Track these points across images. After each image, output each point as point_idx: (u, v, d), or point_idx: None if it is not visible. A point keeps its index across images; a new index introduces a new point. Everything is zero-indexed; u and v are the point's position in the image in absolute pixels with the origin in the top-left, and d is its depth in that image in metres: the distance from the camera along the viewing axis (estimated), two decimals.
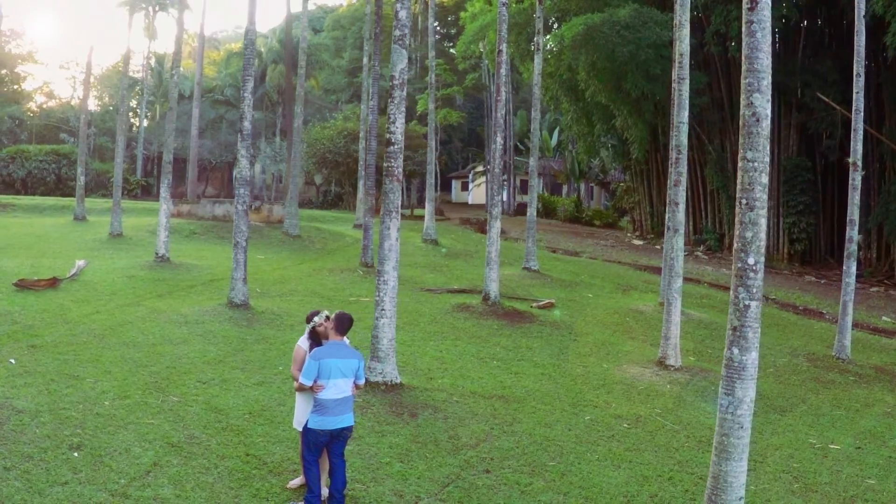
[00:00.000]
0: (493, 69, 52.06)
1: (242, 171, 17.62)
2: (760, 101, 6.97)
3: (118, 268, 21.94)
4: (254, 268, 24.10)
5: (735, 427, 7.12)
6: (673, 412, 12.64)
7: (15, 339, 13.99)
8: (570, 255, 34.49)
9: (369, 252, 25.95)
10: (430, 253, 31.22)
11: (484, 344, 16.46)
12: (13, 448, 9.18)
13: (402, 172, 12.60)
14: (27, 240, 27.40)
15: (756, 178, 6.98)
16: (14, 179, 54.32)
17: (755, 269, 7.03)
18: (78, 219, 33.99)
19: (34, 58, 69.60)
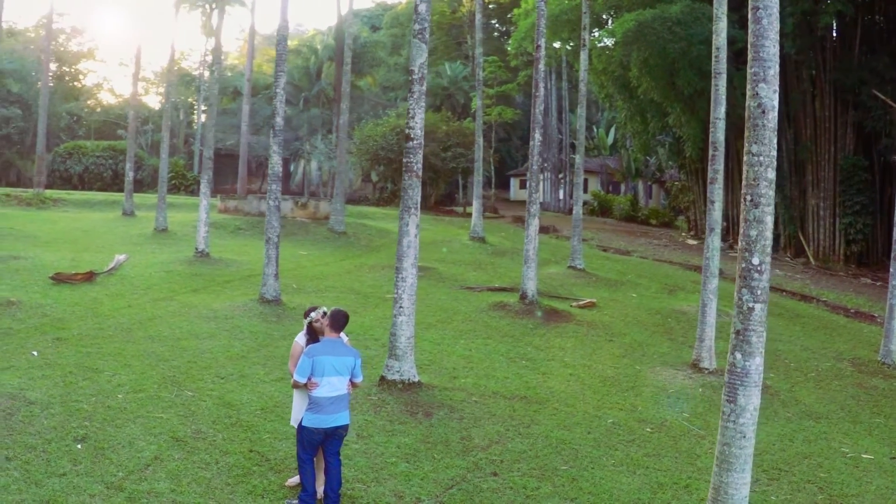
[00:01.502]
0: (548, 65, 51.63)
1: (274, 167, 17.55)
2: (766, 92, 6.58)
3: (157, 262, 22.10)
4: (294, 264, 24.16)
5: (737, 436, 6.75)
6: (701, 417, 12.21)
7: (42, 331, 14.11)
8: (620, 254, 33.90)
9: None
10: (476, 251, 30.92)
11: (516, 343, 16.16)
12: (18, 439, 9.20)
13: (421, 168, 12.40)
14: (73, 234, 27.81)
15: (761, 173, 6.59)
16: (71, 175, 55.23)
17: (760, 269, 6.64)
18: (126, 214, 34.43)
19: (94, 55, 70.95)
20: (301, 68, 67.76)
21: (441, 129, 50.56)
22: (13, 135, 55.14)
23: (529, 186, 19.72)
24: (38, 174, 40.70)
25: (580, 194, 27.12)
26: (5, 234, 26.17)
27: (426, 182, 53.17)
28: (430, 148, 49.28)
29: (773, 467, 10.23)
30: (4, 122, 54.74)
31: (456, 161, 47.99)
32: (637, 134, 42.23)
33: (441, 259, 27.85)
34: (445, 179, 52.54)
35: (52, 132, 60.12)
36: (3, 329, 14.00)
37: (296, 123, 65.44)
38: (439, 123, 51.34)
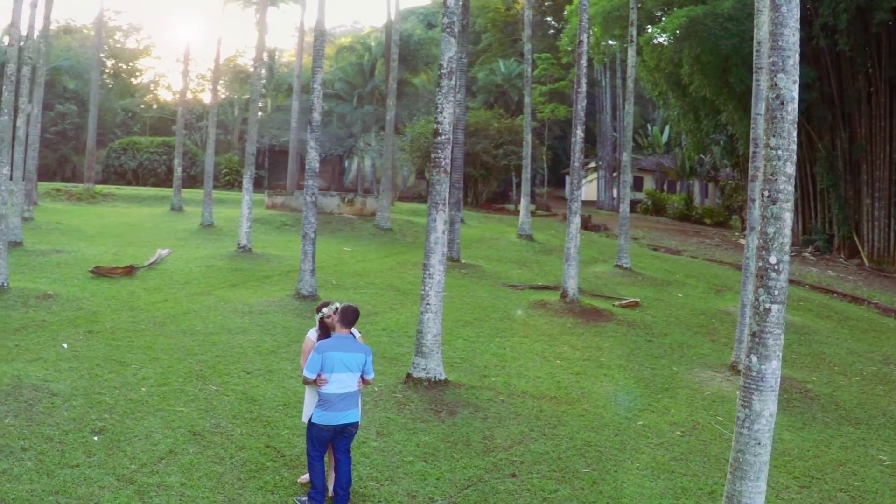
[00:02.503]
0: (598, 64, 51.08)
1: (311, 163, 17.53)
2: (786, 83, 6.28)
3: (199, 257, 22.25)
4: (337, 259, 24.17)
5: (751, 443, 6.46)
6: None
7: (75, 324, 14.25)
8: (671, 253, 33.35)
9: (455, 246, 25.65)
10: (522, 248, 30.68)
11: (552, 342, 15.91)
12: (36, 429, 9.26)
13: (449, 164, 12.17)
14: (119, 229, 28.18)
15: (780, 167, 6.29)
16: (125, 170, 56.06)
17: (777, 268, 6.35)
18: (175, 209, 34.81)
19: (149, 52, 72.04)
20: (355, 65, 68.04)
21: (493, 126, 50.27)
22: (69, 130, 56.14)
23: (571, 183, 19.44)
24: (89, 169, 41.40)
25: (627, 192, 26.76)
26: (52, 228, 26.62)
27: (477, 180, 52.96)
28: (482, 145, 49.08)
29: (805, 474, 9.86)
30: (60, 118, 55.78)
31: (507, 158, 47.69)
32: (690, 132, 41.52)
33: (486, 256, 27.68)
34: (497, 177, 52.22)
35: (107, 128, 61.16)
36: (38, 321, 14.17)
37: (350, 120, 65.69)
38: (491, 121, 51.05)
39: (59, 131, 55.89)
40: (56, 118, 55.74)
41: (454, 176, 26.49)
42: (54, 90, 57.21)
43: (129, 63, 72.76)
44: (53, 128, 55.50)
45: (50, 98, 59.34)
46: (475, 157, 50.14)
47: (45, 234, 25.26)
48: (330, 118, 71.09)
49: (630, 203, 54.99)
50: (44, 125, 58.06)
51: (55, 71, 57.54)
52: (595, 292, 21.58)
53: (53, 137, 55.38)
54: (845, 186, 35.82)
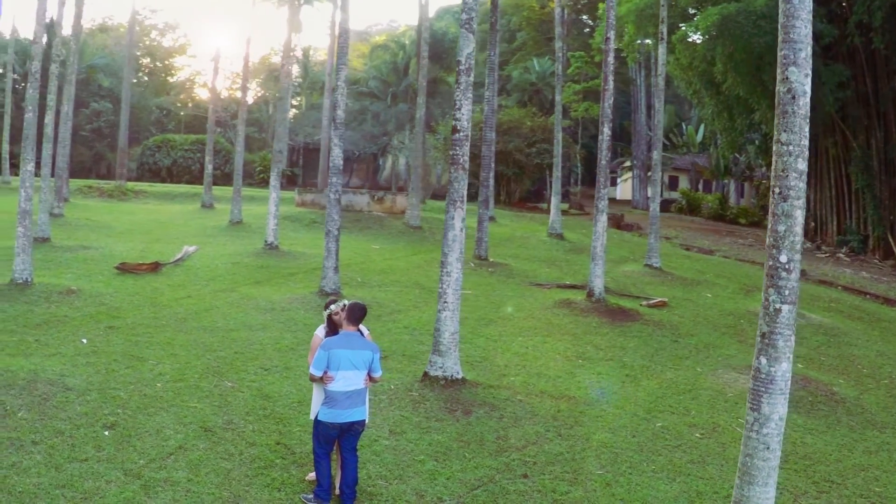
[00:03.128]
0: (631, 62, 50.63)
1: (335, 160, 17.49)
2: (797, 76, 6.09)
3: (225, 254, 22.33)
4: (364, 257, 24.15)
5: (760, 447, 6.29)
6: None
7: (97, 319, 14.32)
8: (703, 253, 32.95)
9: (483, 244, 25.50)
10: (552, 247, 30.45)
11: (575, 342, 15.73)
12: (48, 423, 9.31)
13: (468, 161, 12.05)
14: (149, 225, 28.37)
15: (791, 163, 6.10)
16: (160, 167, 56.52)
17: (788, 267, 6.16)
18: (205, 206, 35.02)
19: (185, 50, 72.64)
20: (389, 64, 68.08)
21: (526, 124, 50.06)
22: (104, 128, 56.75)
23: (598, 182, 19.23)
24: (121, 166, 41.80)
25: (657, 191, 26.46)
26: (81, 224, 26.87)
27: (510, 178, 52.74)
28: (515, 143, 48.88)
29: (825, 479, 9.62)
30: (95, 116, 56.39)
31: (541, 157, 47.46)
32: (724, 131, 40.95)
33: (515, 255, 27.52)
34: (530, 175, 51.98)
35: (142, 126, 61.75)
36: (59, 317, 14.27)
37: (384, 118, 65.78)
38: (524, 119, 50.83)
39: (94, 129, 56.52)
40: (91, 116, 56.35)
41: (483, 174, 26.38)
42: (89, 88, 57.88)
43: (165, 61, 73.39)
44: (89, 125, 56.12)
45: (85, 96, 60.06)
46: (508, 156, 49.94)
47: (74, 230, 25.50)
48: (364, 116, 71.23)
49: (664, 202, 54.98)
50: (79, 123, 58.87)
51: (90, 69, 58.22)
52: (623, 292, 21.34)
53: (89, 135, 56.03)
54: (880, 187, 35.18)
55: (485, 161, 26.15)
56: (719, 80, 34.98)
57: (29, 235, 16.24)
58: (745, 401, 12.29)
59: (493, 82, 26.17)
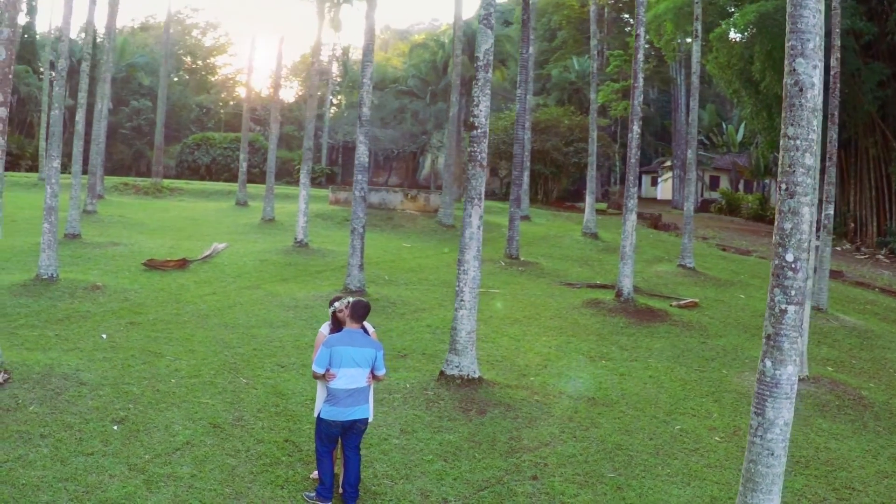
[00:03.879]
0: (669, 60, 50.04)
1: (360, 158, 17.42)
2: (805, 68, 5.87)
3: (255, 251, 22.38)
4: (395, 255, 24.09)
5: (764, 454, 6.07)
6: None
7: (119, 315, 14.39)
8: (740, 253, 32.42)
9: (514, 243, 25.31)
10: (586, 247, 30.18)
11: (601, 342, 15.51)
12: (58, 417, 9.33)
13: (486, 158, 11.88)
14: (181, 223, 28.55)
15: (798, 158, 5.88)
16: (199, 165, 56.94)
17: (794, 267, 5.95)
18: (240, 204, 35.22)
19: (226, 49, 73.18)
20: (428, 62, 68.05)
21: (563, 123, 49.73)
22: (143, 126, 57.35)
23: (627, 180, 18.98)
24: (157, 164, 42.19)
25: (692, 191, 26.08)
26: (114, 221, 27.11)
27: (548, 177, 52.40)
28: (553, 142, 48.58)
29: (846, 485, 9.32)
30: (135, 114, 56.97)
31: (578, 156, 47.10)
32: (764, 130, 40.22)
33: (547, 254, 27.32)
34: (568, 174, 51.65)
35: (182, 124, 62.30)
36: (82, 312, 14.36)
37: (423, 117, 65.74)
38: (562, 118, 50.49)
39: (134, 127, 57.13)
40: (131, 114, 56.96)
41: (514, 172, 26.16)
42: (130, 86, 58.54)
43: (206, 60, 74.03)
44: (129, 123, 56.74)
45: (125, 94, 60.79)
46: (545, 155, 49.63)
47: (106, 226, 25.74)
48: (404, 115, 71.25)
49: (704, 203, 54.35)
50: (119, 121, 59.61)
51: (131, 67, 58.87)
52: (653, 292, 21.05)
53: (129, 133, 56.63)
54: None
55: (516, 160, 25.95)
56: (757, 78, 34.38)
57: (55, 231, 16.37)
58: None
59: (524, 80, 25.96)
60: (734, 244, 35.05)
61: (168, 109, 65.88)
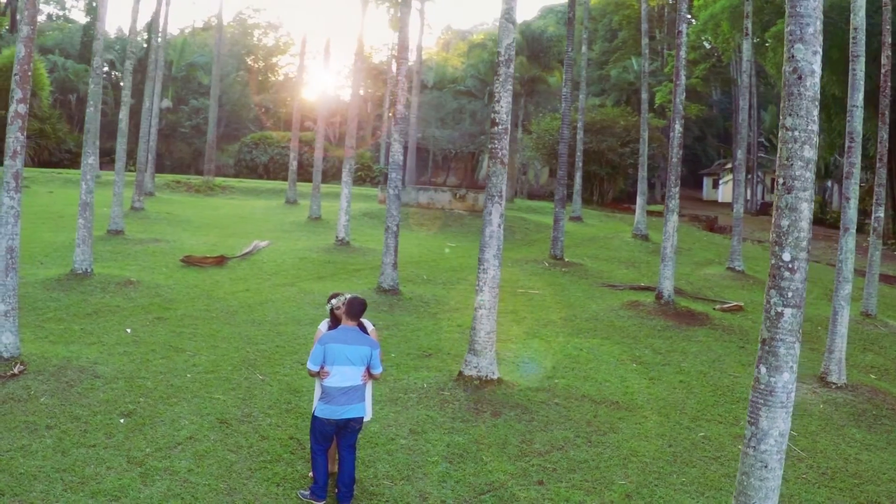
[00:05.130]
0: (726, 59, 49.06)
1: (395, 155, 17.31)
2: (804, 54, 5.51)
3: (295, 249, 22.40)
4: (437, 255, 23.95)
5: (757, 466, 5.71)
6: (810, 436, 10.84)
7: (148, 310, 14.44)
8: None
9: (559, 244, 24.94)
10: (635, 248, 29.67)
11: (634, 345, 15.13)
12: (67, 409, 9.37)
13: (507, 155, 11.62)
14: (228, 220, 28.73)
15: (796, 151, 5.53)
16: (257, 164, 57.41)
17: (792, 267, 5.59)
18: (289, 202, 35.38)
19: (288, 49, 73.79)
20: (486, 62, 67.72)
21: (619, 123, 49.11)
22: (202, 125, 58.09)
23: (668, 180, 18.55)
24: (208, 162, 42.61)
25: (741, 192, 25.45)
26: (161, 218, 27.38)
27: (603, 178, 51.76)
28: (608, 143, 48.01)
29: (873, 500, 8.86)
30: (195, 113, 57.67)
31: (634, 157, 46.38)
32: (822, 132, 39.13)
33: (594, 255, 26.91)
34: (624, 175, 50.98)
35: (241, 123, 62.94)
36: (111, 307, 14.45)
37: (480, 117, 65.43)
38: (618, 118, 49.86)
39: (193, 125, 57.87)
40: (191, 112, 57.65)
41: (559, 172, 25.80)
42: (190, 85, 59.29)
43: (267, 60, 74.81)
44: (188, 122, 57.44)
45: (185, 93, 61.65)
46: (600, 155, 49.04)
47: (152, 223, 26.00)
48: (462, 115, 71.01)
49: (763, 205, 53.21)
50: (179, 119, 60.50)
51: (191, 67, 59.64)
52: (698, 295, 20.55)
53: (188, 131, 57.31)
54: None
55: (561, 159, 25.56)
56: None
57: (89, 227, 16.52)
58: (803, 412, 11.62)
59: (569, 79, 25.55)
60: None
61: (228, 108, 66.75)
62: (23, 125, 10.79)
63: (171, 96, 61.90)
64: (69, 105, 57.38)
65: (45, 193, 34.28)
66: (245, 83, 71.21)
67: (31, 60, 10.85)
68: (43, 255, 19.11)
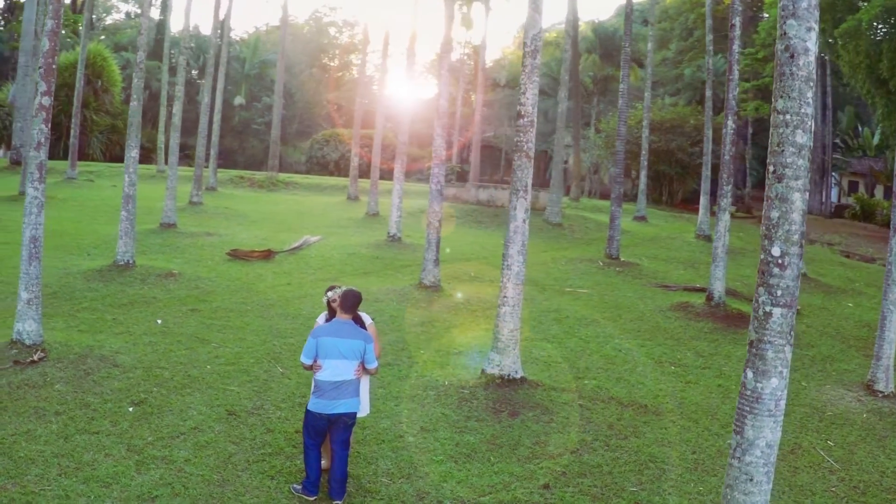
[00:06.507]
0: None
1: (437, 150, 17.13)
2: (797, 31, 5.11)
3: (346, 245, 22.36)
4: (491, 252, 23.70)
5: (742, 478, 5.34)
6: (848, 447, 10.27)
7: (184, 302, 14.49)
8: (864, 261, 30.38)
9: (615, 243, 24.41)
10: (696, 249, 28.90)
11: (676, 347, 14.65)
12: (78, 396, 9.42)
13: (532, 148, 11.30)
14: (285, 216, 28.86)
15: (787, 136, 5.13)
16: (328, 161, 57.67)
17: (781, 262, 5.19)
18: (351, 198, 35.49)
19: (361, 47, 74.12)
20: (558, 60, 67.08)
21: (689, 123, 48.12)
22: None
23: (721, 178, 17.97)
24: (272, 158, 42.95)
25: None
26: (217, 212, 27.63)
27: (672, 178, 50.78)
28: (678, 143, 47.11)
29: None
30: (267, 110, 58.28)
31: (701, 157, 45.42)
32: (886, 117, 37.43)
33: (652, 255, 26.31)
34: (695, 175, 49.91)
35: (313, 120, 63.38)
36: (147, 298, 14.55)
37: (552, 115, 64.84)
38: (688, 117, 48.85)
39: (266, 122, 58.48)
40: (263, 109, 58.24)
41: (615, 170, 25.29)
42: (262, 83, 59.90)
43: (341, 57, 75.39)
44: (260, 119, 58.01)
45: (258, 90, 62.34)
46: (670, 155, 48.16)
47: (207, 217, 26.24)
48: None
49: (838, 208, 51.49)
50: (252, 116, 61.24)
51: (263, 65, 60.27)
52: (751, 296, 19.83)
53: (261, 128, 57.91)
54: None
55: (618, 157, 25.01)
56: (885, 76, 32.03)
57: (132, 219, 16.71)
58: (844, 421, 11.07)
59: (626, 75, 25.01)
60: (859, 251, 32.94)
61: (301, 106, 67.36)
62: (47, 117, 10.89)
63: (244, 93, 62.71)
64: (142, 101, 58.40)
65: (108, 187, 34.94)
66: (318, 81, 71.83)
67: (56, 53, 10.93)
68: (92, 247, 19.42)
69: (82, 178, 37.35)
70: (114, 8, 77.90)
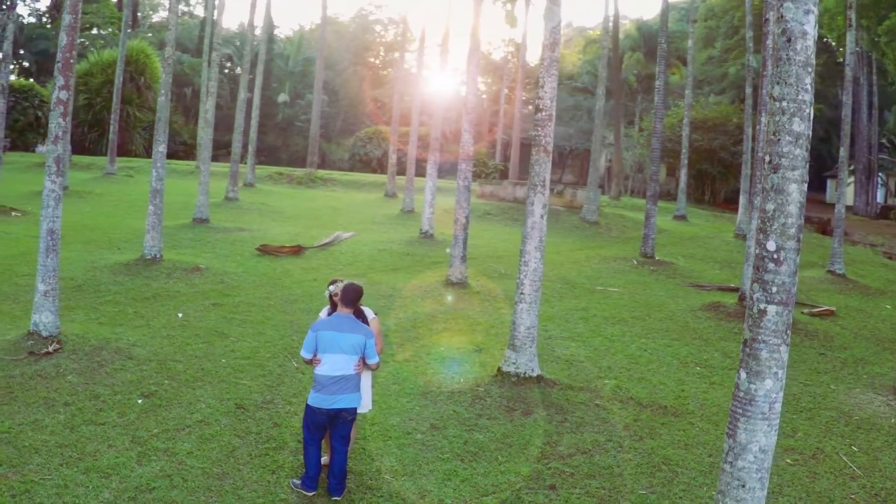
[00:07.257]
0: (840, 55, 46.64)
1: (465, 147, 16.98)
2: (795, 13, 4.89)
3: (378, 241, 22.32)
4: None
5: (733, 484, 5.13)
6: (872, 453, 9.94)
7: (207, 296, 14.53)
8: None
9: (650, 242, 24.09)
10: (734, 249, 28.43)
11: (703, 347, 14.36)
12: (89, 387, 9.47)
13: (550, 143, 11.09)
14: (321, 212, 28.91)
15: (784, 124, 4.91)
16: (371, 158, 57.70)
17: (777, 258, 4.98)
18: (388, 195, 35.54)
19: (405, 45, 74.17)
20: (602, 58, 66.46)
21: (732, 121, 47.42)
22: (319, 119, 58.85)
23: (752, 177, 17.57)
24: (311, 154, 43.09)
25: (843, 191, 23.98)
26: (252, 208, 27.75)
27: (715, 177, 50.09)
28: (720, 142, 46.47)
29: None
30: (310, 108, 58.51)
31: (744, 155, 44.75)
32: None
33: (689, 255, 25.96)
34: (736, 174, 49.18)
35: (357, 118, 63.53)
36: (171, 292, 14.60)
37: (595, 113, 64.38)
38: (731, 116, 48.15)
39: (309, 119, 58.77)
40: (306, 107, 58.49)
41: (651, 168, 24.93)
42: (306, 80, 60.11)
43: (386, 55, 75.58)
44: (303, 116, 58.25)
45: (302, 88, 62.61)
46: (712, 154, 47.53)
47: (242, 213, 26.36)
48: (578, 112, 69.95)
49: (884, 209, 50.36)
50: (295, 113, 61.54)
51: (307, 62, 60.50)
52: None
53: (304, 125, 58.17)
54: None
55: (654, 154, 24.66)
56: None
57: (159, 214, 16.80)
58: (871, 426, 10.73)
59: (662, 71, 24.64)
60: None
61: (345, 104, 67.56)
62: (65, 111, 10.96)
63: (287, 91, 63.08)
64: (185, 98, 59.21)
65: (145, 182, 35.24)
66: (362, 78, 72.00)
67: (74, 48, 10.98)
68: (122, 241, 19.58)
69: (121, 174, 37.80)
70: (160, 5, 78.80)
